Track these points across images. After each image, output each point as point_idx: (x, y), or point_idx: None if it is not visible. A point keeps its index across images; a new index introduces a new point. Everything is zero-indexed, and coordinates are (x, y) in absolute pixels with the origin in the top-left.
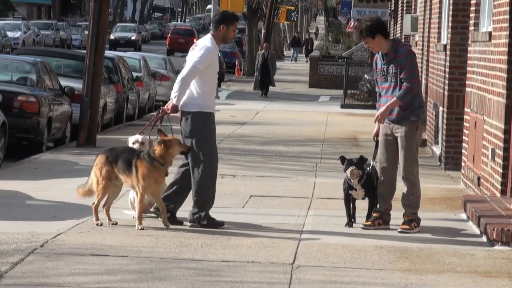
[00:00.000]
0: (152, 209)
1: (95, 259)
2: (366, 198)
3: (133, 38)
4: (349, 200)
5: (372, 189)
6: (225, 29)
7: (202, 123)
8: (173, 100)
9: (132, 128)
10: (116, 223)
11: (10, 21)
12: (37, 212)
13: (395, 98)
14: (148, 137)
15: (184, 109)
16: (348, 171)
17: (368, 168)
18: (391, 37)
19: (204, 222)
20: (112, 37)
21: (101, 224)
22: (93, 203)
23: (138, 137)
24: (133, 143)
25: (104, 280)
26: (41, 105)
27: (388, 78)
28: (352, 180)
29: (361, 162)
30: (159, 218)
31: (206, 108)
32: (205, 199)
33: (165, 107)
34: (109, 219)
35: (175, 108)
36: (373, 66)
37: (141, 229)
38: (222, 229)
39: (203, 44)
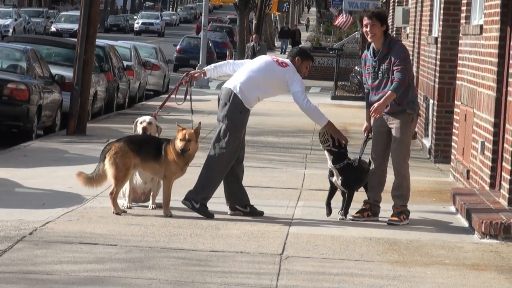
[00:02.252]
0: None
1: (84, 247)
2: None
3: None
4: (332, 189)
5: (352, 180)
6: (299, 61)
7: (238, 114)
8: (325, 124)
9: (122, 117)
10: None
11: (1, 8)
12: (26, 200)
13: (389, 92)
14: (155, 118)
15: (231, 88)
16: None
17: (354, 162)
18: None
19: (197, 205)
20: (53, 28)
21: (124, 212)
22: (111, 193)
23: (146, 117)
24: (141, 123)
25: (93, 268)
26: (31, 93)
27: (379, 75)
28: (328, 158)
29: (339, 146)
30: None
31: (248, 104)
32: (209, 183)
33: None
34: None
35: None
36: (362, 63)
37: (170, 216)
38: (211, 219)
39: (295, 72)
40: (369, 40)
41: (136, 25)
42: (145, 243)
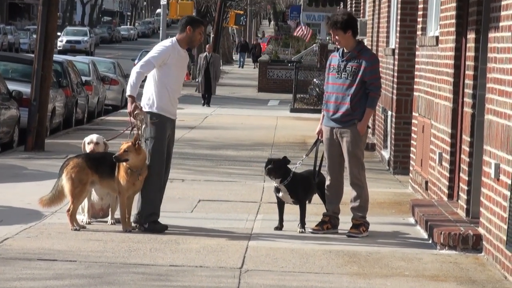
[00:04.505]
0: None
1: (42, 263)
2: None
3: None
4: (280, 203)
5: (300, 193)
6: (191, 30)
7: (151, 125)
8: (127, 95)
9: (81, 133)
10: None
11: None
12: None
13: (367, 109)
14: (102, 137)
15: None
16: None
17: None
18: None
19: (146, 225)
20: None
21: (83, 228)
22: (68, 210)
23: (93, 137)
24: (88, 143)
25: (52, 285)
26: None
27: (343, 76)
28: (273, 180)
29: (282, 161)
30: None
31: (159, 110)
32: (146, 203)
33: (127, 110)
34: (115, 220)
35: (132, 102)
36: (328, 62)
37: (129, 231)
38: (170, 233)
39: (163, 43)
40: (339, 46)
41: (59, 43)
42: (105, 258)
